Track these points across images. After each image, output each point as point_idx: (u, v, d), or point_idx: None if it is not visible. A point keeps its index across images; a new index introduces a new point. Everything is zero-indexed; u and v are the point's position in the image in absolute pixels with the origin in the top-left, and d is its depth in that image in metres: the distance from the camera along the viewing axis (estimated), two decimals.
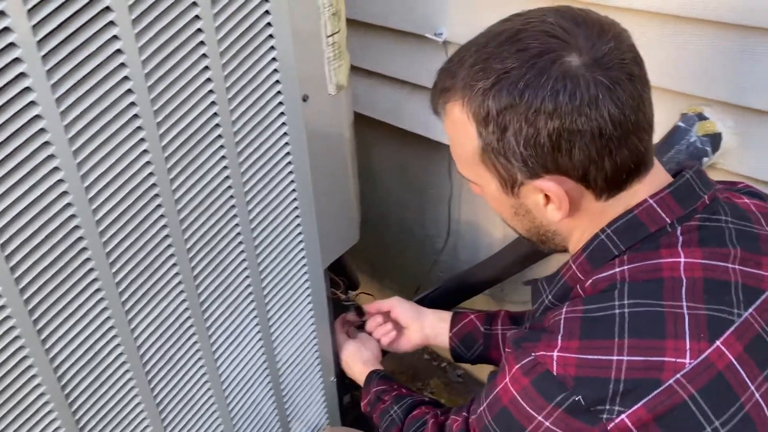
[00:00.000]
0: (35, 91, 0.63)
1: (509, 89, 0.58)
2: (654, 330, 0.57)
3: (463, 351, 1.07)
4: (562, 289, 0.69)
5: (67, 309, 0.76)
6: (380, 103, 1.46)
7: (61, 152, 0.68)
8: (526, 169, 0.62)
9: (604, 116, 0.58)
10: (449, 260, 1.61)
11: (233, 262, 0.93)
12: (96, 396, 0.83)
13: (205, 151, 0.82)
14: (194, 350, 0.93)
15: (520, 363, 0.61)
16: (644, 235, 0.63)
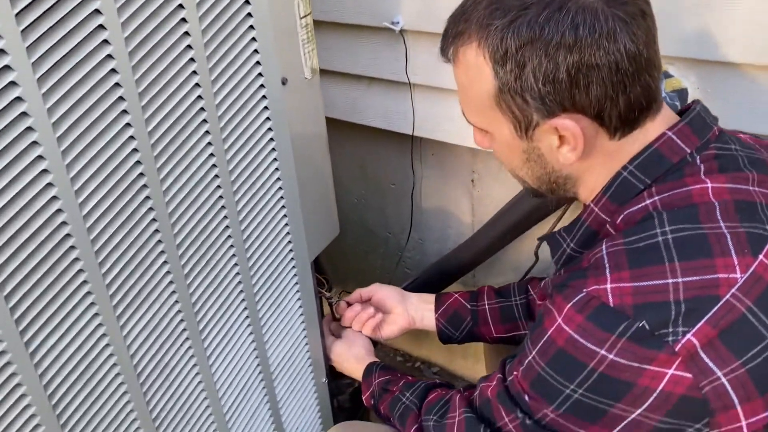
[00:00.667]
0: (21, 86, 0.58)
1: (530, 24, 0.59)
2: (701, 250, 0.59)
3: (451, 331, 1.06)
4: (585, 235, 0.70)
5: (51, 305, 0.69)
6: (337, 101, 1.45)
7: (46, 140, 0.62)
8: (544, 108, 0.62)
9: (621, 50, 0.59)
10: (416, 255, 1.60)
11: (224, 257, 0.88)
12: (86, 403, 0.75)
13: (191, 137, 0.78)
14: (187, 353, 0.87)
15: (572, 301, 0.60)
16: (667, 166, 0.64)
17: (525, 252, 1.37)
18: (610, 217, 0.67)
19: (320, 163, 1.03)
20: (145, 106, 0.71)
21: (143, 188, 0.74)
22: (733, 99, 0.97)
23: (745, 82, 0.96)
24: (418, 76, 1.26)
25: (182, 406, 0.88)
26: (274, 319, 1.00)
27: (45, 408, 0.70)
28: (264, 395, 1.03)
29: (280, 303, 1.00)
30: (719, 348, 0.56)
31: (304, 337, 1.07)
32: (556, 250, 0.74)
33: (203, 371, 0.89)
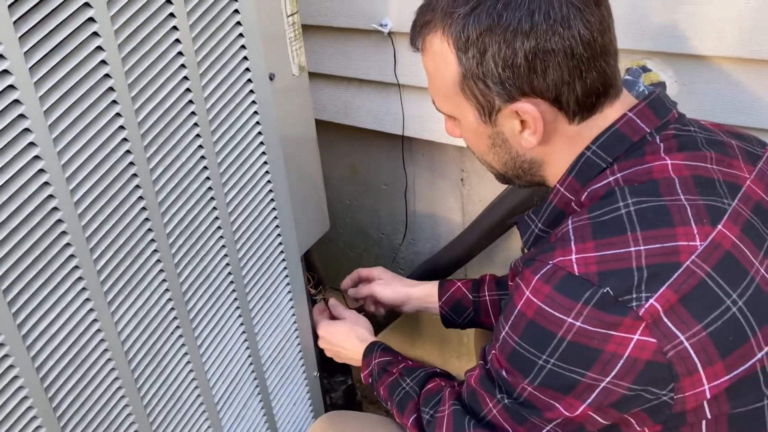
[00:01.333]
0: (13, 74, 0.61)
1: (488, 12, 0.62)
2: (663, 220, 0.61)
3: (454, 318, 1.09)
4: (552, 214, 0.72)
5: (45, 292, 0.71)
6: (327, 103, 1.47)
7: (38, 130, 0.65)
8: (504, 92, 0.65)
9: (575, 36, 0.62)
10: (409, 255, 1.62)
11: (214, 248, 0.90)
12: (79, 390, 0.77)
13: (179, 129, 0.80)
14: (179, 344, 0.89)
15: (539, 273, 0.62)
16: (628, 145, 0.67)
17: (514, 248, 1.39)
18: (575, 195, 0.70)
19: (309, 158, 1.06)
20: (135, 97, 0.73)
21: (133, 177, 0.76)
22: (710, 92, 1.00)
23: (721, 75, 0.98)
24: (406, 77, 1.29)
25: (173, 394, 0.89)
26: (264, 311, 1.02)
27: (39, 394, 0.72)
28: (255, 387, 1.04)
29: (270, 296, 1.02)
30: (681, 312, 0.58)
31: (294, 330, 1.09)
32: (525, 232, 0.77)
33: (194, 362, 0.91)
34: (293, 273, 1.05)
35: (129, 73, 0.72)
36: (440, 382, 0.88)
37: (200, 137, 0.83)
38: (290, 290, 1.05)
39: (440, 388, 0.86)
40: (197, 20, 0.78)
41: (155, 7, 0.73)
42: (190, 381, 0.92)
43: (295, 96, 0.99)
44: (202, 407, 0.95)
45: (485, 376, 0.73)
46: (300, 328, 1.10)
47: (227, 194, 0.90)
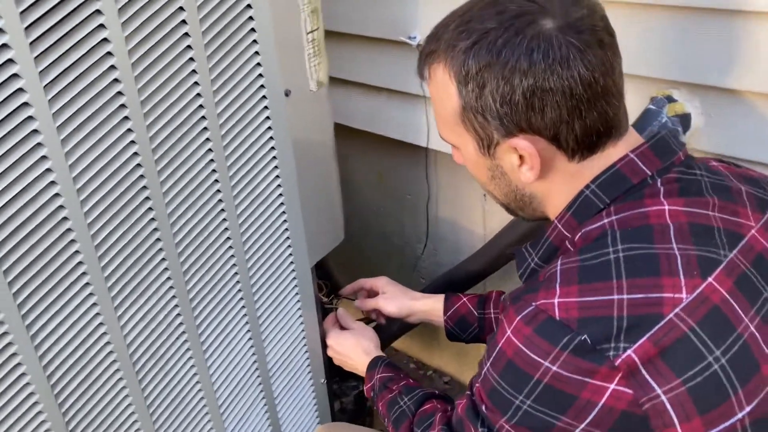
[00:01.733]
0: (23, 78, 0.64)
1: (488, 48, 0.62)
2: (650, 269, 0.60)
3: (458, 333, 1.09)
4: (548, 250, 0.72)
5: (56, 303, 0.75)
6: (357, 111, 1.49)
7: (51, 144, 0.68)
8: (502, 128, 0.65)
9: (575, 76, 0.62)
10: (430, 265, 1.62)
11: (222, 258, 0.93)
12: (85, 393, 0.81)
13: (191, 144, 0.83)
14: (184, 349, 0.92)
15: (521, 314, 0.62)
16: (627, 186, 0.66)
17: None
18: (571, 233, 0.69)
19: (325, 173, 1.07)
20: (147, 113, 0.76)
21: (143, 189, 0.79)
22: (737, 126, 0.96)
23: (749, 109, 0.95)
24: None
25: (176, 396, 0.93)
26: (272, 319, 1.04)
27: (46, 392, 0.76)
28: (260, 391, 1.07)
29: (279, 305, 1.05)
30: (660, 365, 0.57)
31: (302, 338, 1.11)
32: (521, 264, 0.76)
33: (198, 365, 0.94)
34: (303, 283, 1.07)
35: (142, 91, 0.75)
36: (436, 405, 0.89)
37: (212, 151, 0.86)
38: (299, 299, 1.08)
39: (434, 410, 0.87)
40: (213, 39, 0.80)
41: (169, 21, 0.75)
42: (194, 384, 0.95)
43: (312, 111, 1.00)
44: (205, 409, 0.98)
45: (470, 407, 0.73)
46: (308, 335, 1.12)
47: (237, 206, 0.92)
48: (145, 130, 0.77)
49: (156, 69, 0.76)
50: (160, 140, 0.79)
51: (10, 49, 0.62)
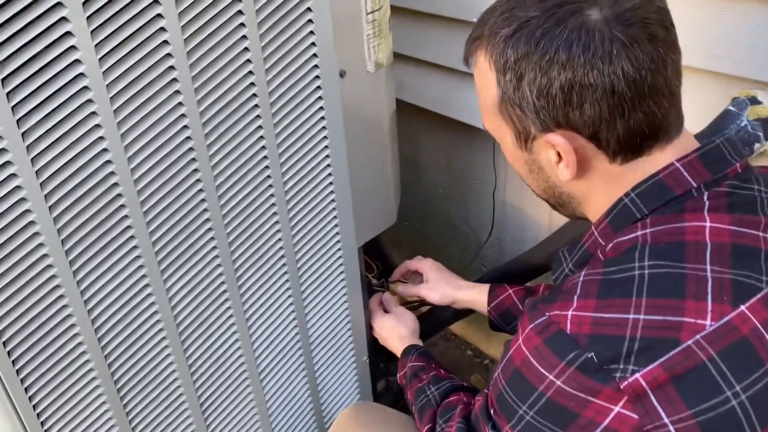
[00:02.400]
0: (80, 50, 0.68)
1: (527, 37, 0.59)
2: (674, 290, 0.56)
3: (502, 324, 1.07)
4: (582, 257, 0.68)
5: (106, 264, 0.80)
6: (428, 91, 1.47)
7: (103, 112, 0.72)
8: (539, 121, 0.62)
9: (618, 73, 0.57)
10: (493, 254, 1.59)
11: (267, 233, 0.95)
12: (131, 352, 0.87)
13: (241, 120, 0.85)
14: (227, 316, 0.95)
15: (534, 323, 0.60)
16: (668, 198, 0.61)
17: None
18: (605, 242, 0.65)
19: (380, 155, 1.07)
20: (198, 88, 0.79)
21: (192, 162, 0.82)
22: None
23: None
24: None
25: (218, 359, 0.97)
26: (315, 295, 1.06)
27: (98, 356, 0.82)
28: (301, 363, 1.10)
29: (323, 282, 1.06)
30: (670, 393, 0.53)
31: (346, 316, 1.13)
32: (557, 269, 0.73)
33: (241, 333, 0.98)
34: (349, 263, 1.08)
35: (192, 62, 0.77)
36: (461, 397, 0.88)
37: (262, 128, 0.87)
38: (344, 278, 1.09)
39: (458, 402, 0.87)
40: (267, 17, 0.81)
41: (223, 5, 0.76)
42: (235, 349, 0.99)
43: (369, 93, 0.99)
44: (245, 374, 1.02)
45: (484, 406, 0.73)
46: (352, 314, 1.13)
47: (285, 183, 0.94)
48: (195, 105, 0.79)
49: (208, 46, 0.77)
50: (210, 115, 0.81)
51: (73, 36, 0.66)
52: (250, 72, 0.83)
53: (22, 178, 0.69)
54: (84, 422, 0.86)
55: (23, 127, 0.67)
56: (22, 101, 0.66)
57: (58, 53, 0.67)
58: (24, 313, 0.75)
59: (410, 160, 1.67)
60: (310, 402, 1.15)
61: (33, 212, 0.71)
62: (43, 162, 0.70)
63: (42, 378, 0.80)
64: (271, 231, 0.95)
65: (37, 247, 0.73)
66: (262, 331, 1.01)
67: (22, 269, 0.73)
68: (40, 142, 0.69)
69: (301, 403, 1.14)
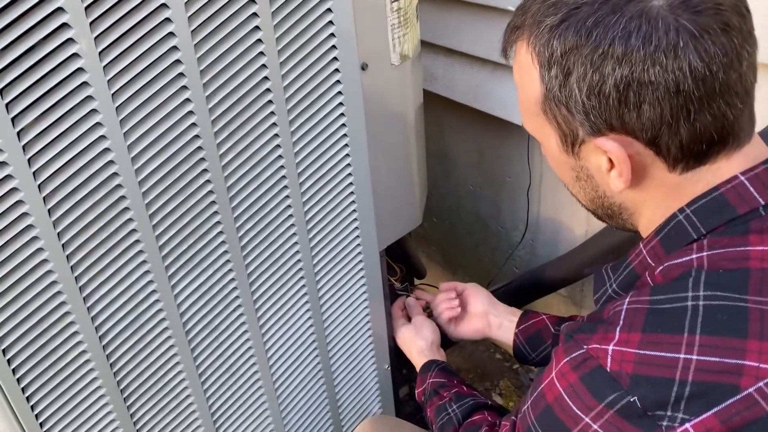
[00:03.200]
0: (83, 57, 0.63)
1: (577, 27, 0.51)
2: (734, 327, 0.48)
3: (527, 351, 1.00)
4: (628, 278, 0.61)
5: (108, 268, 0.75)
6: (459, 83, 1.39)
7: (107, 114, 0.67)
8: (588, 124, 0.54)
9: (684, 69, 0.49)
10: (526, 256, 1.51)
11: (282, 235, 0.90)
12: (137, 359, 0.83)
13: (253, 117, 0.79)
14: (239, 323, 0.91)
15: (570, 356, 0.53)
16: (731, 217, 0.53)
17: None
18: (655, 263, 0.58)
19: (405, 153, 1.00)
20: (208, 83, 0.73)
21: (201, 161, 0.77)
22: None
23: None
24: None
25: (230, 367, 0.93)
26: (333, 301, 1.01)
27: (101, 360, 0.78)
28: (319, 371, 1.05)
29: (342, 287, 1.01)
30: None
31: (366, 323, 1.07)
32: (599, 288, 0.65)
33: (254, 339, 0.93)
34: (370, 267, 1.02)
35: (201, 55, 0.71)
36: (486, 416, 0.82)
37: (277, 126, 0.81)
38: (365, 282, 1.03)
39: (482, 422, 0.81)
40: (283, 4, 0.75)
41: None
42: (248, 357, 0.94)
43: (394, 87, 0.93)
44: (259, 383, 0.97)
45: None
46: (373, 321, 1.07)
47: (302, 184, 0.88)
48: (204, 100, 0.74)
49: (218, 36, 0.72)
50: (221, 112, 0.76)
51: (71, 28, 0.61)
52: (263, 65, 0.77)
53: (23, 192, 0.65)
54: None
55: (24, 139, 0.63)
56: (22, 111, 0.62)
57: (60, 61, 0.62)
58: (24, 320, 0.72)
59: (440, 155, 1.60)
60: (328, 411, 1.10)
61: (31, 215, 0.67)
62: (46, 175, 0.66)
63: (44, 388, 0.76)
64: (287, 233, 0.90)
65: (37, 252, 0.69)
66: (276, 339, 0.96)
67: (21, 275, 0.69)
68: (43, 155, 0.65)
69: (319, 412, 1.09)
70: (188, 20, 0.69)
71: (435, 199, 1.69)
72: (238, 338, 0.92)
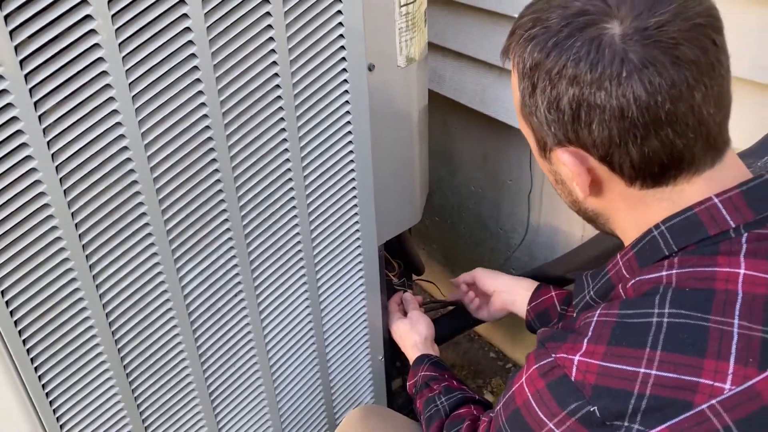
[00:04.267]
0: (104, 48, 0.67)
1: (541, 46, 0.55)
2: (693, 345, 0.50)
3: (537, 326, 1.02)
4: (605, 286, 0.63)
5: (118, 248, 0.79)
6: (467, 87, 1.42)
7: (123, 101, 0.71)
8: (551, 134, 0.58)
9: (628, 97, 0.51)
10: (524, 258, 1.54)
11: (285, 226, 0.93)
12: (142, 338, 0.86)
13: (263, 111, 0.83)
14: (240, 307, 0.94)
15: (539, 363, 0.56)
16: (702, 237, 0.55)
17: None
18: (629, 275, 0.60)
19: (407, 153, 1.03)
20: (220, 77, 0.77)
21: (210, 151, 0.80)
22: None
23: None
24: None
25: (229, 350, 0.96)
26: (332, 291, 1.04)
27: (108, 338, 0.82)
28: (314, 359, 1.08)
29: (341, 278, 1.04)
30: None
31: (363, 314, 1.11)
32: (578, 294, 0.68)
33: (254, 324, 0.97)
34: (368, 261, 1.05)
35: (214, 50, 0.75)
36: (471, 410, 0.85)
37: (284, 120, 0.85)
38: (363, 276, 1.06)
39: (466, 415, 0.84)
40: (295, 5, 0.79)
41: None
42: (247, 341, 0.98)
43: (400, 88, 0.96)
44: (256, 366, 1.01)
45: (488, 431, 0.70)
46: (369, 313, 1.11)
47: (306, 177, 0.91)
48: (216, 94, 0.77)
49: (231, 34, 0.75)
50: (231, 105, 0.79)
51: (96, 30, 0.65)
52: (274, 62, 0.80)
53: (42, 173, 0.68)
54: (95, 412, 0.87)
55: (44, 123, 0.67)
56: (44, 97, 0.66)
57: (82, 50, 0.66)
58: (36, 295, 0.75)
59: (446, 155, 1.63)
60: (322, 398, 1.13)
61: (52, 206, 0.71)
62: (63, 158, 0.70)
63: (55, 365, 0.80)
64: (289, 225, 0.93)
65: (52, 230, 0.73)
66: (275, 325, 1.00)
67: (36, 250, 0.73)
68: (61, 138, 0.69)
69: (313, 398, 1.12)
70: (204, 17, 0.72)
71: (438, 198, 1.72)
72: (238, 323, 0.95)
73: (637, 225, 0.60)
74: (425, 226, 1.82)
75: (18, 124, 0.66)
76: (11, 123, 0.65)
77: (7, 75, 0.63)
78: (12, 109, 0.65)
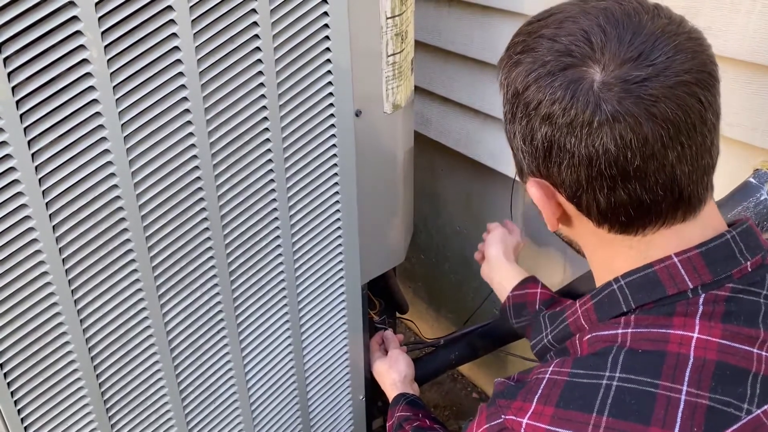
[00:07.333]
0: (88, 49, 0.68)
1: (523, 77, 0.54)
2: (639, 412, 0.50)
3: (511, 314, 1.00)
4: (563, 332, 0.63)
5: (104, 284, 0.80)
6: (452, 130, 1.46)
7: (113, 133, 0.73)
8: (525, 163, 0.57)
9: (597, 147, 0.51)
10: None
11: (269, 264, 0.95)
12: (124, 373, 0.87)
13: (251, 153, 0.85)
14: (222, 344, 0.95)
15: (489, 424, 0.56)
16: (659, 296, 0.55)
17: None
18: (587, 326, 0.60)
19: (392, 195, 1.06)
20: (210, 120, 0.79)
21: (199, 191, 0.83)
22: None
23: None
24: None
25: (210, 386, 0.97)
26: (314, 330, 1.05)
27: (89, 372, 0.82)
28: (295, 397, 1.09)
29: (323, 318, 1.05)
30: None
31: (345, 353, 1.12)
32: (535, 335, 0.68)
33: (235, 361, 0.97)
34: (352, 300, 1.07)
35: (207, 99, 0.78)
36: None
37: (272, 162, 0.87)
38: (346, 314, 1.08)
39: None
40: (284, 54, 0.82)
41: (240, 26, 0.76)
42: (228, 378, 0.98)
43: (385, 133, 0.99)
44: (236, 404, 1.01)
45: None
46: (351, 352, 1.12)
47: (292, 217, 0.93)
48: (206, 136, 0.80)
49: (222, 80, 0.78)
50: (221, 147, 0.82)
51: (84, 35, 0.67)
52: (264, 107, 0.83)
53: (24, 184, 0.70)
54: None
55: (30, 134, 0.68)
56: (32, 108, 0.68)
57: (68, 51, 0.66)
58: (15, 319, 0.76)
59: (431, 195, 1.66)
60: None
61: (40, 241, 0.73)
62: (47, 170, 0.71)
63: (34, 399, 0.80)
64: (273, 263, 0.95)
65: (39, 264, 0.74)
66: (257, 362, 1.01)
67: (22, 284, 0.74)
68: (46, 151, 0.70)
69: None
70: (197, 62, 0.75)
71: (423, 237, 1.75)
72: (219, 359, 0.96)
73: (602, 267, 0.60)
74: (411, 264, 1.83)
75: (10, 161, 0.68)
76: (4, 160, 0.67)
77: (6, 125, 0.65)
78: (6, 146, 0.67)
